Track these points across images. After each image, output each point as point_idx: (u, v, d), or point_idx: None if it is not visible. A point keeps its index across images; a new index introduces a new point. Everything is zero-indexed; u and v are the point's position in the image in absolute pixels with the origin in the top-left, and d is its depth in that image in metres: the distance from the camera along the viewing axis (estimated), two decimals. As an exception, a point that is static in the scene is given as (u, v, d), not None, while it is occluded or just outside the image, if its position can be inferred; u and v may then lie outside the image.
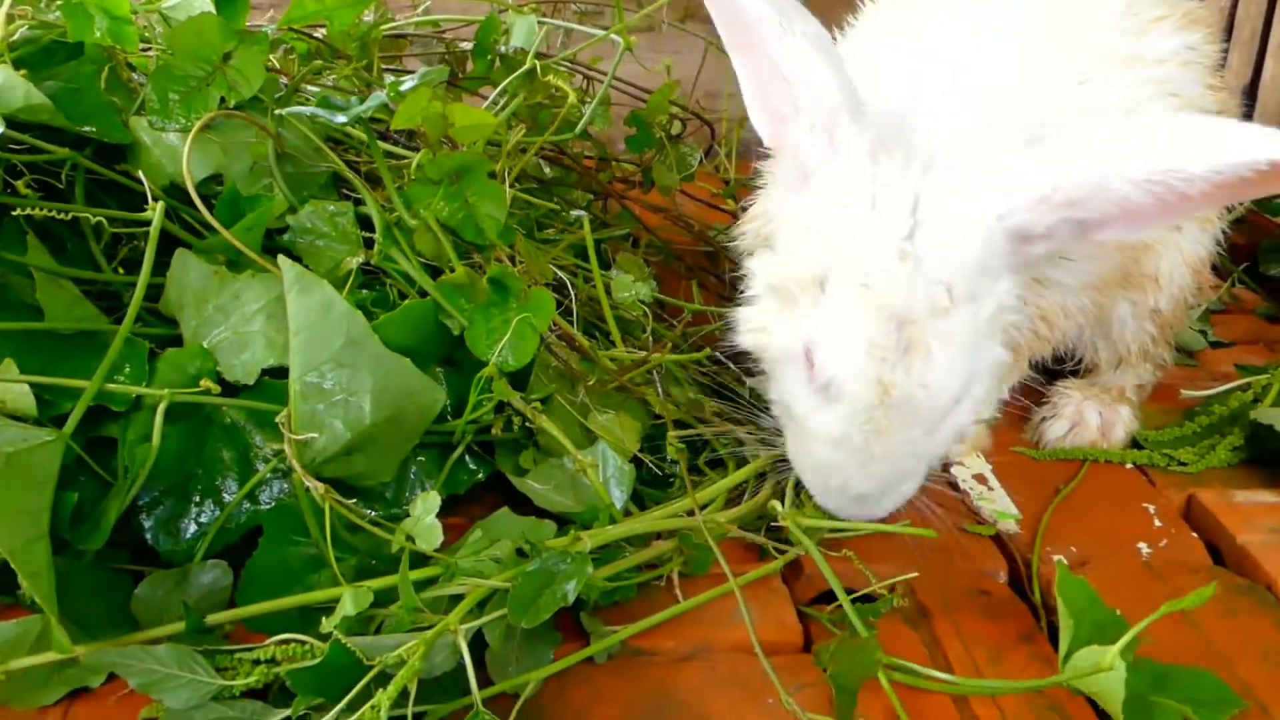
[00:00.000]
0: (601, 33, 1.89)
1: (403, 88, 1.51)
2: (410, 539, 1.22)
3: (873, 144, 1.27)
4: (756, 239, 1.50)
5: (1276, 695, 1.29)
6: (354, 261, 1.46)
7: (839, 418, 1.27)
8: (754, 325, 1.38)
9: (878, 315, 1.22)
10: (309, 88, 1.78)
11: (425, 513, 1.23)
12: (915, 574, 1.45)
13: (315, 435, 1.27)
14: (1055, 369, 1.87)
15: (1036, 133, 1.28)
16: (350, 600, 1.15)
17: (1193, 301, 1.81)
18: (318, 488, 1.19)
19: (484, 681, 1.19)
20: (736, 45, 1.32)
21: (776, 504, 1.44)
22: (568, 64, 2.03)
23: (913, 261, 1.22)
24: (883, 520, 1.38)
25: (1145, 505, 1.65)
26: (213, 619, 1.22)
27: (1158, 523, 1.61)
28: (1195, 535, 1.60)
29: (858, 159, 1.27)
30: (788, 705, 1.21)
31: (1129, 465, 1.75)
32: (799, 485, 1.43)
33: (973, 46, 1.47)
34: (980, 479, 1.69)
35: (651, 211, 2.19)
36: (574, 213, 1.99)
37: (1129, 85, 1.54)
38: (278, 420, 1.26)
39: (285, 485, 1.37)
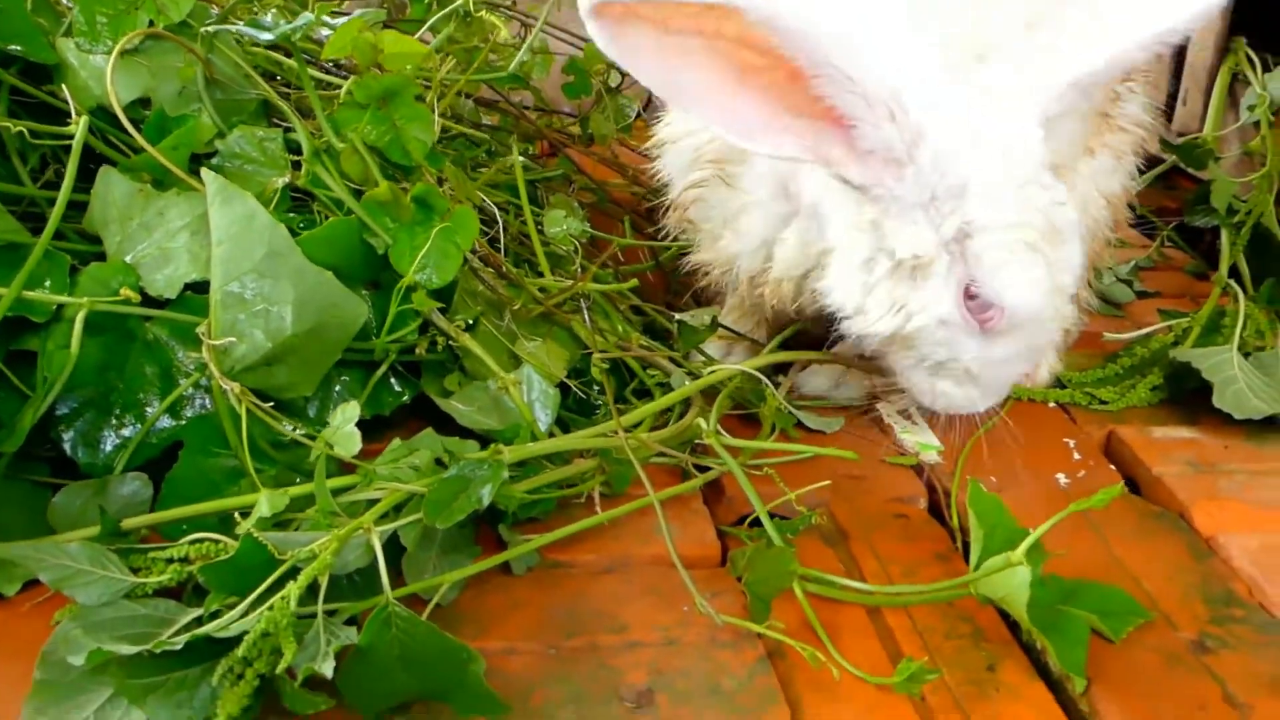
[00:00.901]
0: (539, -22, 1.90)
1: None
2: (329, 446, 1.22)
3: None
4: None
5: (1181, 609, 1.32)
6: (280, 181, 1.46)
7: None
8: (887, 307, 1.41)
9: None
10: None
11: (344, 421, 1.23)
12: (826, 483, 1.47)
13: (234, 341, 1.27)
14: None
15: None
16: (266, 502, 1.15)
17: (1111, 238, 1.84)
18: (234, 388, 1.19)
19: (402, 586, 1.20)
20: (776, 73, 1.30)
21: (701, 422, 1.45)
22: (506, 9, 2.04)
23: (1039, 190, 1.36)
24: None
25: (1066, 440, 1.68)
26: (128, 523, 1.22)
27: (1077, 456, 1.64)
28: (1113, 468, 1.63)
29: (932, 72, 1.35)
30: (702, 608, 1.22)
31: (1052, 404, 1.78)
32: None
33: None
34: (905, 414, 1.71)
35: (590, 159, 2.20)
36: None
37: None
38: (198, 330, 1.26)
39: (208, 401, 1.37)
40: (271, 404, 1.30)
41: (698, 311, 1.70)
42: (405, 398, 1.50)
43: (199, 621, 1.09)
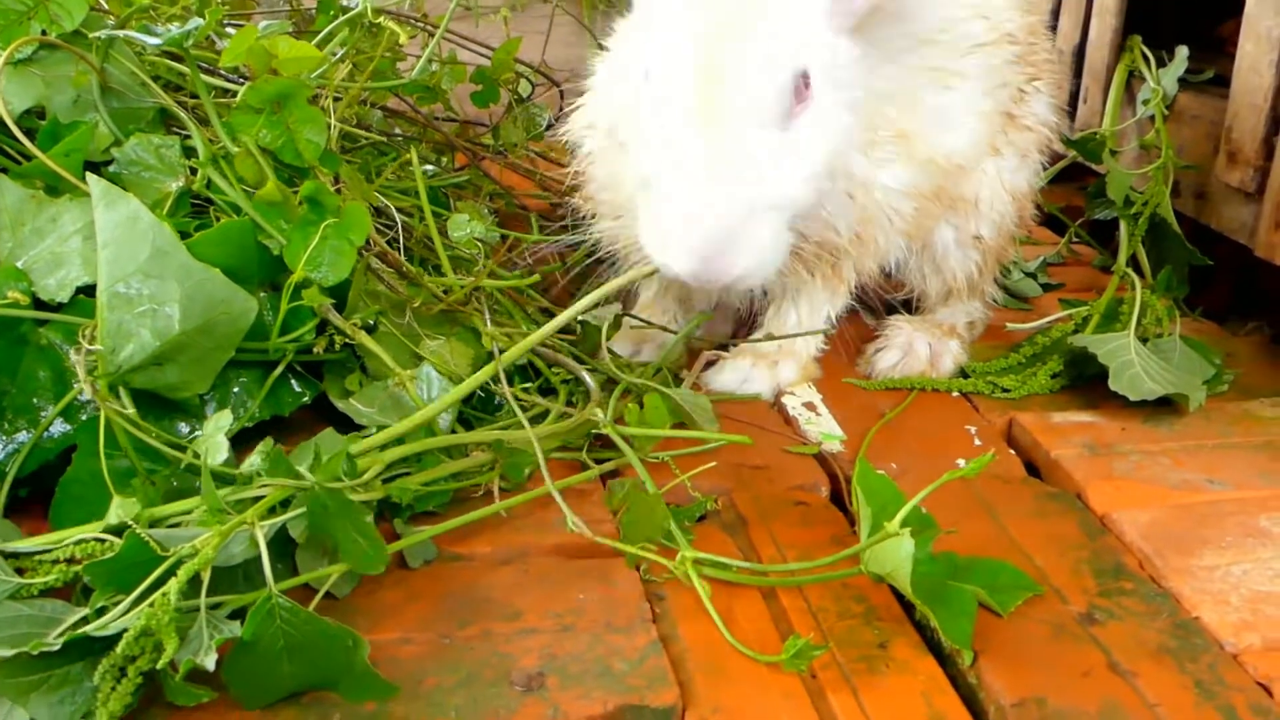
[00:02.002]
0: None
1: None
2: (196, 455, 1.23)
3: None
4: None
5: (1072, 583, 1.35)
6: (174, 185, 1.47)
7: (670, 113, 1.36)
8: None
9: (699, 15, 1.36)
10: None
11: (215, 430, 1.24)
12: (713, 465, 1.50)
13: (118, 342, 1.27)
14: (888, 304, 1.92)
15: None
16: (116, 509, 1.15)
17: (1017, 232, 1.88)
18: (107, 398, 1.19)
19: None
20: None
21: (598, 411, 1.46)
22: (411, 20, 2.05)
23: None
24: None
25: (967, 427, 1.71)
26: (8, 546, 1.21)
27: (978, 442, 1.67)
28: (1013, 453, 1.66)
29: None
30: (573, 525, 1.27)
31: (955, 394, 1.81)
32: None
33: None
34: (809, 406, 1.73)
35: (503, 168, 2.22)
36: (426, 168, 2.01)
37: None
38: (80, 332, 1.26)
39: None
40: (165, 404, 1.31)
41: (602, 309, 1.71)
42: (306, 398, 1.50)
43: (85, 621, 1.09)
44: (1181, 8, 2.44)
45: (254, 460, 1.26)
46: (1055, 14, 2.53)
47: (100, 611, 1.11)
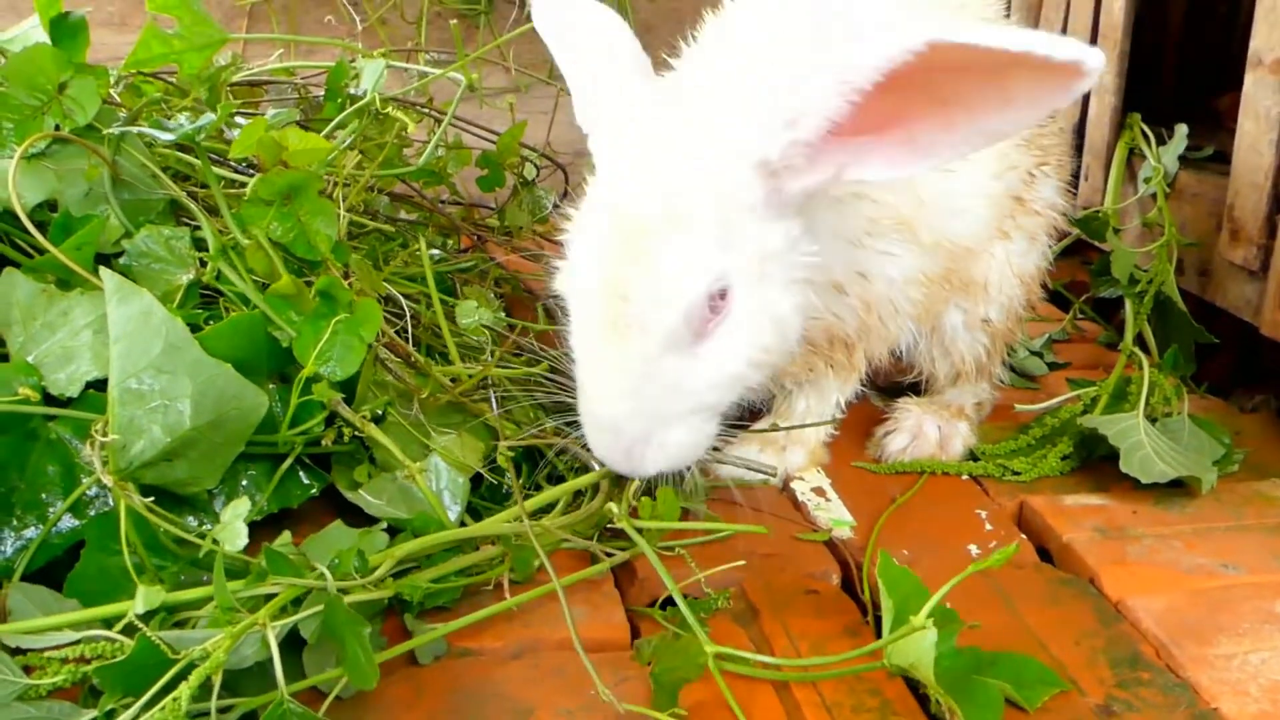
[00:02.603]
0: (453, 74, 1.94)
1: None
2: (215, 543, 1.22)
3: (654, 96, 1.41)
4: None
5: (1088, 673, 1.33)
6: (184, 278, 1.47)
7: (581, 327, 1.36)
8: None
9: (615, 222, 1.32)
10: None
11: (234, 518, 1.23)
12: (742, 564, 1.49)
13: (129, 438, 1.27)
14: (896, 387, 1.92)
15: None
16: (143, 597, 1.14)
17: (1024, 314, 1.88)
18: (125, 486, 1.19)
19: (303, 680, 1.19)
20: (559, 46, 1.51)
21: (612, 506, 1.45)
22: (418, 106, 2.07)
23: (650, 174, 1.32)
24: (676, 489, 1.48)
25: (978, 511, 1.70)
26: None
27: (988, 526, 1.66)
28: (1024, 537, 1.65)
29: (639, 107, 1.39)
30: (604, 696, 1.21)
31: (965, 477, 1.80)
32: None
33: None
34: (819, 491, 1.72)
35: (509, 252, 2.23)
36: (433, 252, 2.02)
37: None
38: (93, 429, 1.26)
39: (110, 499, 1.36)
40: (174, 499, 1.30)
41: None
42: (314, 490, 1.50)
43: (94, 723, 1.08)
44: (1178, 83, 2.47)
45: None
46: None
47: (110, 715, 1.10)
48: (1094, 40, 2.45)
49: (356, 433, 1.44)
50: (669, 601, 1.44)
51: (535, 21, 1.54)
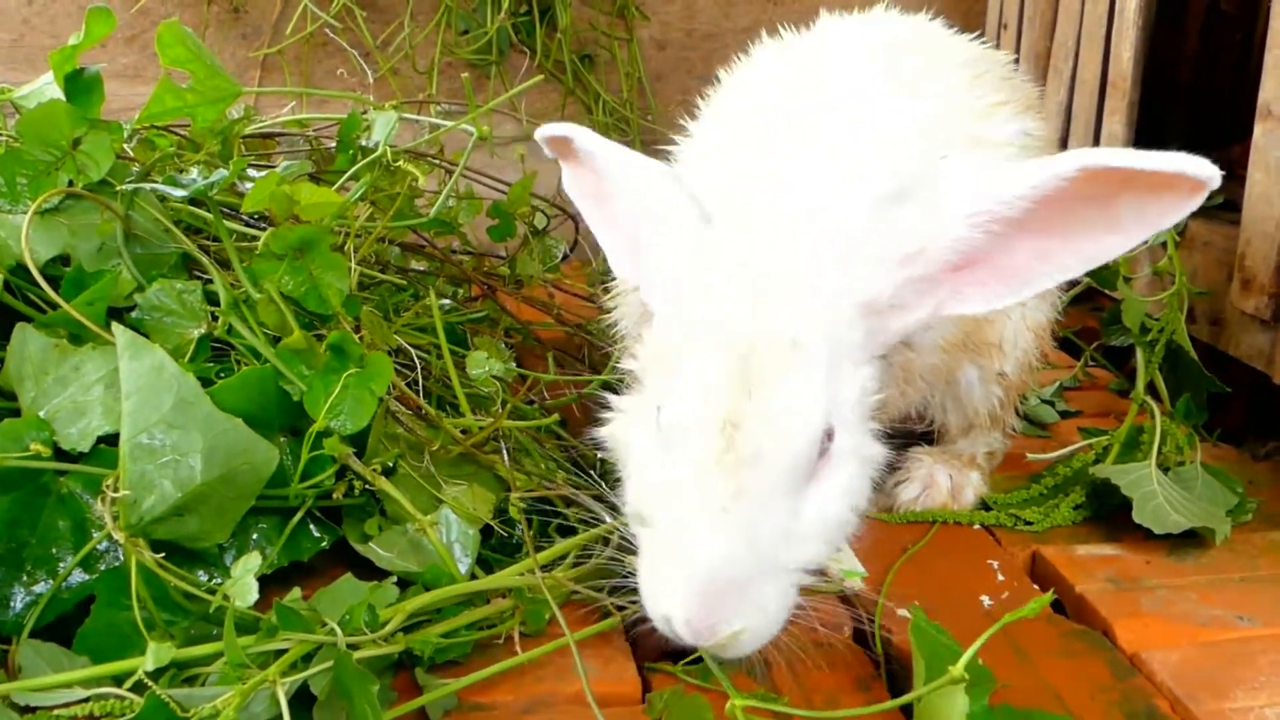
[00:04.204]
0: (465, 126, 1.95)
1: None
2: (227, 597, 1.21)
3: (730, 237, 1.32)
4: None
5: (1103, 727, 1.32)
6: (196, 332, 1.48)
7: (684, 459, 1.22)
8: (613, 412, 1.39)
9: (721, 350, 1.23)
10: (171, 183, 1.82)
11: (244, 573, 1.23)
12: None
13: (140, 494, 1.27)
14: (907, 437, 1.92)
15: None
16: (153, 655, 1.14)
17: (1037, 365, 1.88)
18: (135, 542, 1.19)
19: (313, 736, 1.19)
20: (591, 203, 1.49)
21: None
22: (430, 159, 2.08)
23: (762, 304, 1.24)
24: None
25: (990, 561, 1.69)
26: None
27: (1000, 577, 1.65)
28: (1036, 588, 1.64)
29: (718, 249, 1.32)
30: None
31: (977, 526, 1.79)
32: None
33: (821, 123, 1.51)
34: (830, 542, 1.71)
35: (519, 301, 2.24)
36: (443, 301, 2.03)
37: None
38: (104, 484, 1.26)
39: (121, 554, 1.36)
40: (184, 554, 1.30)
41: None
42: (325, 543, 1.50)
43: (102, 784, 1.08)
44: (1189, 134, 2.47)
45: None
46: (1063, 142, 2.57)
47: (119, 773, 1.10)
48: (1103, 90, 2.46)
49: (367, 485, 1.44)
50: (680, 654, 1.43)
51: (566, 188, 1.52)
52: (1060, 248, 1.22)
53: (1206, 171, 1.13)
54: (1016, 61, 1.83)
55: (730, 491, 1.20)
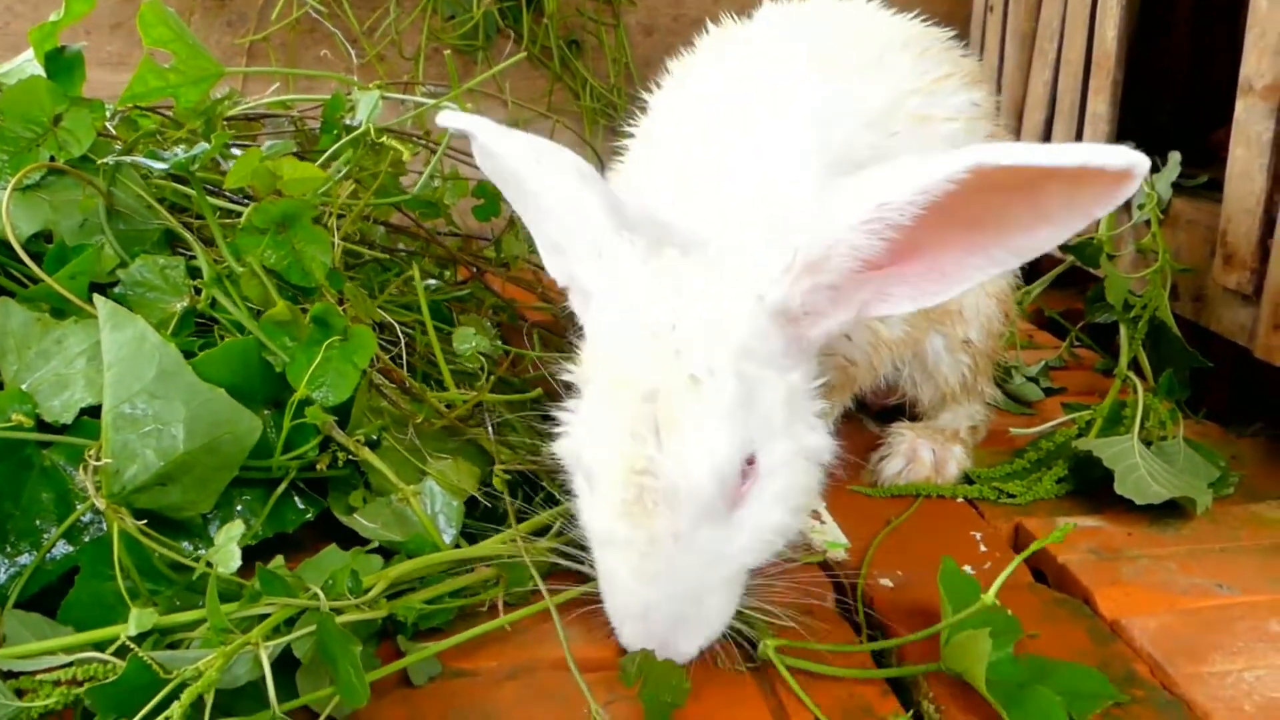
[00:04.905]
0: (449, 104, 1.96)
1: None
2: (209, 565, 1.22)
3: (643, 249, 1.30)
4: None
5: (1083, 691, 1.33)
6: (179, 306, 1.48)
7: (601, 506, 1.25)
8: (561, 427, 1.36)
9: (627, 393, 1.21)
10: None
11: (228, 540, 1.23)
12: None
13: (122, 463, 1.27)
14: (890, 412, 1.93)
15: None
16: (135, 619, 1.15)
17: (1003, 330, 1.89)
18: (117, 510, 1.19)
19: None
20: (511, 196, 1.45)
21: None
22: (415, 138, 2.09)
23: (665, 340, 1.22)
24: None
25: (973, 534, 1.70)
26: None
27: (983, 548, 1.66)
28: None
29: (627, 263, 1.29)
30: (597, 716, 1.22)
31: (960, 499, 1.80)
32: None
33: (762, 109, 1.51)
34: (814, 514, 1.72)
35: (505, 282, 2.24)
36: (429, 282, 2.03)
37: (924, 145, 1.61)
38: (87, 453, 1.26)
39: (105, 525, 1.37)
40: (169, 525, 1.31)
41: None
42: (309, 515, 1.50)
43: (85, 746, 1.08)
44: (1175, 116, 2.49)
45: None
46: (1049, 122, 2.58)
47: (102, 736, 1.10)
48: (1088, 67, 2.47)
49: (351, 457, 1.45)
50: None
51: (493, 178, 1.47)
52: (991, 243, 1.21)
53: (1122, 160, 1.09)
54: (960, 39, 1.81)
55: (646, 538, 1.21)
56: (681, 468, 1.18)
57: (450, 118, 1.48)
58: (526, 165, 1.35)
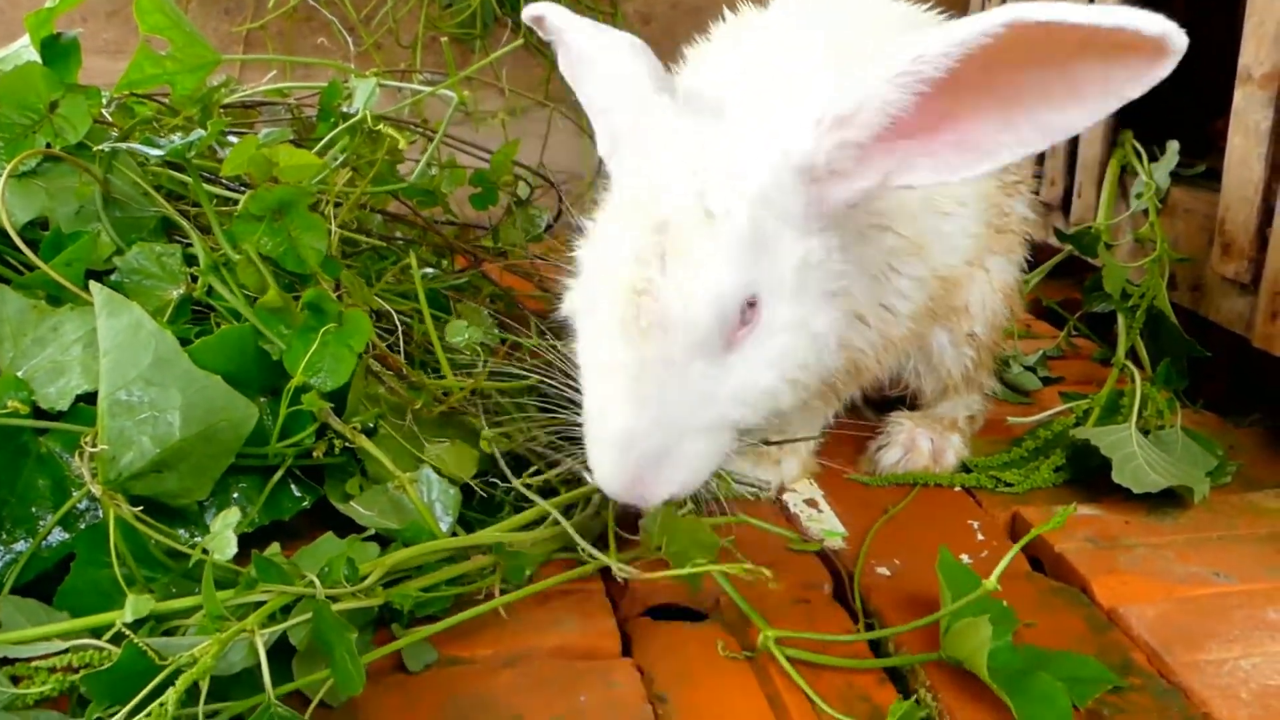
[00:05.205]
0: (443, 93, 1.96)
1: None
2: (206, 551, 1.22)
3: (679, 106, 1.34)
4: None
5: (1080, 679, 1.33)
6: (175, 293, 1.48)
7: (598, 329, 1.26)
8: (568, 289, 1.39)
9: (639, 220, 1.24)
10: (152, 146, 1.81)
11: (224, 527, 1.23)
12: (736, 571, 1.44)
13: (118, 449, 1.27)
14: (889, 401, 1.93)
15: None
16: (131, 606, 1.14)
17: (1008, 324, 1.89)
18: (114, 496, 1.19)
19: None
20: (574, 76, 1.49)
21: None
22: (412, 126, 2.08)
23: (686, 182, 1.24)
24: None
25: (971, 522, 1.70)
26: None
27: (980, 537, 1.66)
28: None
29: (661, 115, 1.33)
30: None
31: (958, 488, 1.80)
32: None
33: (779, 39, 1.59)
34: (811, 503, 1.73)
35: (502, 270, 2.24)
36: (426, 270, 2.02)
37: None
38: (83, 440, 1.26)
39: (101, 512, 1.37)
40: (165, 512, 1.31)
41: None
42: (306, 503, 1.50)
43: (81, 733, 1.08)
44: (1173, 105, 2.47)
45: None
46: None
47: (97, 723, 1.10)
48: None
49: (347, 444, 1.44)
50: (658, 611, 1.45)
51: (562, 67, 1.52)
52: (1023, 119, 1.20)
53: (1158, 27, 1.08)
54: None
55: (637, 359, 1.22)
56: (681, 293, 1.20)
57: (532, 7, 1.55)
58: (587, 35, 1.45)
